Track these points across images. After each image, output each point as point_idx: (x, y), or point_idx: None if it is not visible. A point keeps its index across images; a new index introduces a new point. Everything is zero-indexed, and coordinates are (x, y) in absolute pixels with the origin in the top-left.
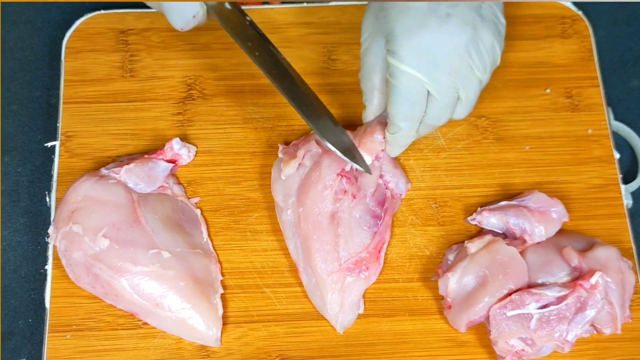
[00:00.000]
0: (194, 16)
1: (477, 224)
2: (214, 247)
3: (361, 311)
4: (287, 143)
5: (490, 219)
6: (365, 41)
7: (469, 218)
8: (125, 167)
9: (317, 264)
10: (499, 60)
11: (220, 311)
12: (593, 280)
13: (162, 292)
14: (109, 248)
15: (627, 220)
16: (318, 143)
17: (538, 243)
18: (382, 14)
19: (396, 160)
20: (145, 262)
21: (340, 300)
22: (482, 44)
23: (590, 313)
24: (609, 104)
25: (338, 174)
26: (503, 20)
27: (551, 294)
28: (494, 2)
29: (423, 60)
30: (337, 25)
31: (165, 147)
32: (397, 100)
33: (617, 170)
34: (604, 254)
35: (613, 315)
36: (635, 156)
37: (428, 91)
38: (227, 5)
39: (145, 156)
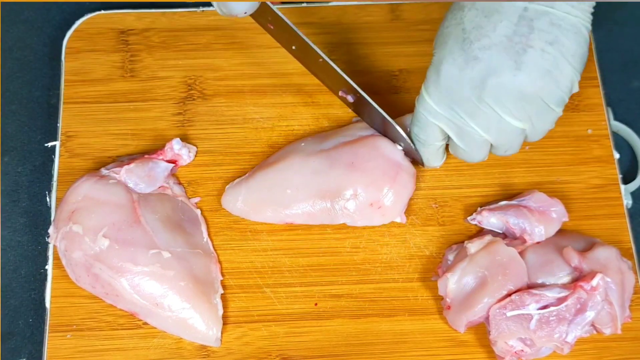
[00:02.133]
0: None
1: (477, 223)
2: (214, 247)
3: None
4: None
5: (490, 219)
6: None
7: (468, 218)
8: (126, 167)
9: None
10: (559, 111)
11: (221, 311)
12: (594, 282)
13: (162, 292)
14: (109, 248)
15: (627, 220)
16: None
17: (538, 243)
18: (435, 40)
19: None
20: (145, 262)
21: None
22: (506, 89)
23: (590, 314)
24: (609, 104)
25: None
26: (570, 73)
27: (551, 294)
28: (553, 45)
29: (442, 96)
30: (337, 25)
31: (166, 147)
32: (413, 124)
33: (617, 170)
34: (604, 254)
35: (613, 315)
36: (635, 156)
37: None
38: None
39: (146, 156)
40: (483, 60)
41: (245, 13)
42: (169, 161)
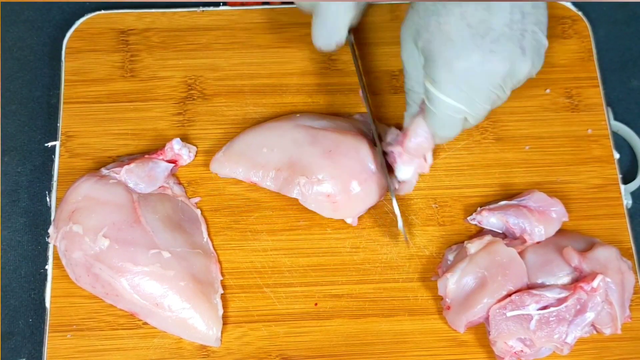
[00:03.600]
0: (337, 44)
1: (477, 223)
2: (214, 247)
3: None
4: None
5: (490, 219)
6: (404, 51)
7: (468, 218)
8: (126, 167)
9: None
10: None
11: (221, 311)
12: (595, 283)
13: (163, 292)
14: (109, 248)
15: (627, 220)
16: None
17: (538, 243)
18: (426, 37)
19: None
20: (145, 262)
21: None
22: (517, 75)
23: (590, 315)
24: (608, 104)
25: None
26: (545, 42)
27: (551, 295)
28: (537, 24)
29: (462, 92)
30: None
31: (166, 147)
32: (436, 125)
33: (617, 170)
34: (604, 254)
35: (613, 316)
36: (635, 156)
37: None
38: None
39: (146, 156)
40: (498, 52)
41: (321, 50)
42: (169, 161)
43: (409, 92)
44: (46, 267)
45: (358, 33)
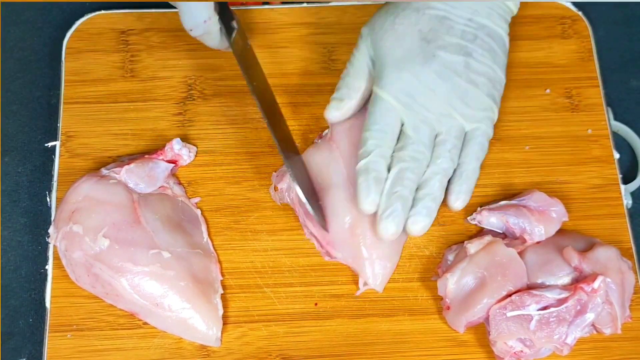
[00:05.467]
0: (204, 21)
1: (477, 223)
2: (214, 247)
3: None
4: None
5: (490, 218)
6: (359, 45)
7: (468, 218)
8: (126, 167)
9: None
10: (496, 112)
11: (221, 311)
12: (596, 284)
13: (163, 292)
14: (109, 248)
15: (627, 220)
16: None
17: (538, 243)
18: (380, 34)
19: None
20: (145, 262)
21: None
22: (463, 91)
23: (590, 316)
24: (608, 104)
25: None
26: (502, 77)
27: (551, 295)
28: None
29: (401, 92)
30: (337, 25)
31: (166, 148)
32: (371, 124)
33: (617, 170)
34: (604, 254)
35: (613, 316)
36: (635, 156)
37: (402, 126)
38: (235, 25)
39: (146, 156)
40: (440, 57)
41: (191, 31)
42: (169, 161)
43: (348, 75)
44: (46, 267)
45: (358, 33)
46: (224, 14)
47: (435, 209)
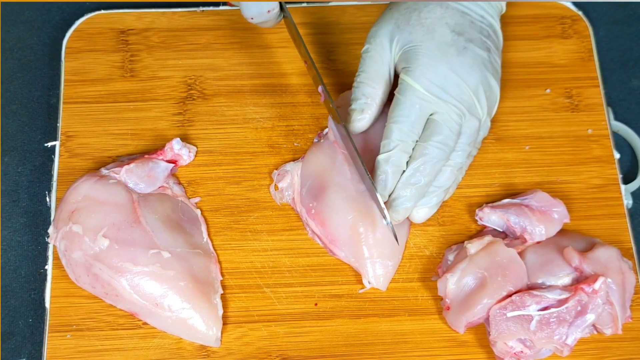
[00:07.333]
0: (269, 11)
1: (479, 220)
2: (214, 247)
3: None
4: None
5: (491, 216)
6: (375, 46)
7: (476, 215)
8: (126, 167)
9: None
10: (495, 108)
11: (220, 311)
12: (597, 285)
13: (162, 292)
14: (109, 248)
15: (627, 220)
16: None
17: (538, 243)
18: (408, 29)
19: None
20: (145, 262)
21: None
22: (487, 85)
23: (590, 317)
24: (609, 104)
25: None
26: (498, 61)
27: (552, 296)
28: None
29: (434, 83)
30: (337, 25)
31: (166, 147)
32: (399, 115)
33: (617, 170)
34: (605, 254)
35: (614, 316)
36: (635, 156)
37: (429, 117)
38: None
39: (146, 156)
40: (470, 49)
41: (252, 19)
42: (169, 161)
43: (363, 83)
44: (46, 267)
45: (357, 33)
46: None
47: (442, 200)
